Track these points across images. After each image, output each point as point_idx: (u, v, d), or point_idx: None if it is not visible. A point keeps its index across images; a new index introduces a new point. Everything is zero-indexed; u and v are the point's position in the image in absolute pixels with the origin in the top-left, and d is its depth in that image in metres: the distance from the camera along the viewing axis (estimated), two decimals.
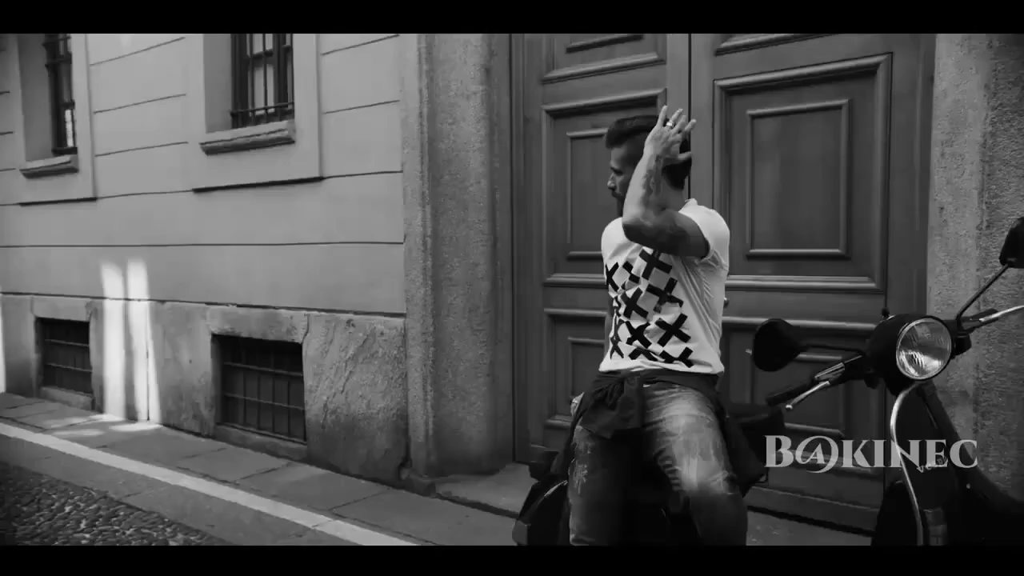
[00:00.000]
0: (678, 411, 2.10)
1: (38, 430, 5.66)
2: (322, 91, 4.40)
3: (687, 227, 2.10)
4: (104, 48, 5.69)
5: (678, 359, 2.19)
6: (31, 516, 3.95)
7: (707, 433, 2.04)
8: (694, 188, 3.52)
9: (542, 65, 4.04)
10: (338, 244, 4.40)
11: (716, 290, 2.26)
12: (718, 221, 2.24)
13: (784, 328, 2.01)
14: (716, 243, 2.16)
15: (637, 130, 2.21)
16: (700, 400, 2.13)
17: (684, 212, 2.20)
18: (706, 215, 2.22)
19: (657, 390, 2.16)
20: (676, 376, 2.18)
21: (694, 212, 2.22)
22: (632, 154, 2.19)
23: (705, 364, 2.22)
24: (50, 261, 6.38)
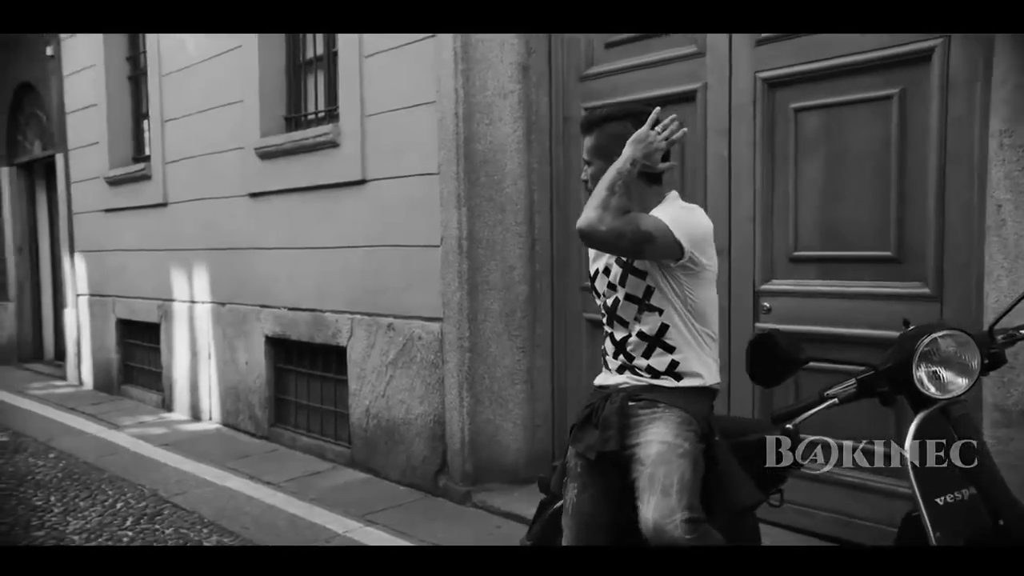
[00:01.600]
0: (653, 436, 1.94)
1: (112, 427, 5.91)
2: (365, 94, 4.40)
3: (654, 229, 1.91)
4: (174, 59, 5.90)
5: (665, 373, 2.00)
6: (85, 511, 4.09)
7: (676, 465, 1.87)
8: (735, 186, 3.32)
9: (581, 62, 3.91)
10: (379, 247, 4.38)
11: (703, 293, 2.04)
12: (694, 217, 2.03)
13: (782, 340, 1.82)
14: (691, 243, 1.95)
15: (607, 118, 2.05)
16: (680, 423, 1.94)
17: (658, 210, 2.02)
18: (680, 212, 2.02)
19: (641, 408, 1.99)
20: (662, 393, 2.00)
21: (667, 209, 2.02)
22: (601, 144, 2.03)
23: (695, 376, 2.00)
24: (128, 265, 6.67)
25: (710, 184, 3.42)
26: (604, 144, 2.01)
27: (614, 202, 1.89)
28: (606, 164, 1.98)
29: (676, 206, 2.06)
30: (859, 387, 1.82)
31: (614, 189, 1.90)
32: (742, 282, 3.34)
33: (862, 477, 3.00)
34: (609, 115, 2.04)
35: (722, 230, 3.35)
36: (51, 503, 4.24)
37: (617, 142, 1.98)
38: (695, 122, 3.46)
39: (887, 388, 1.79)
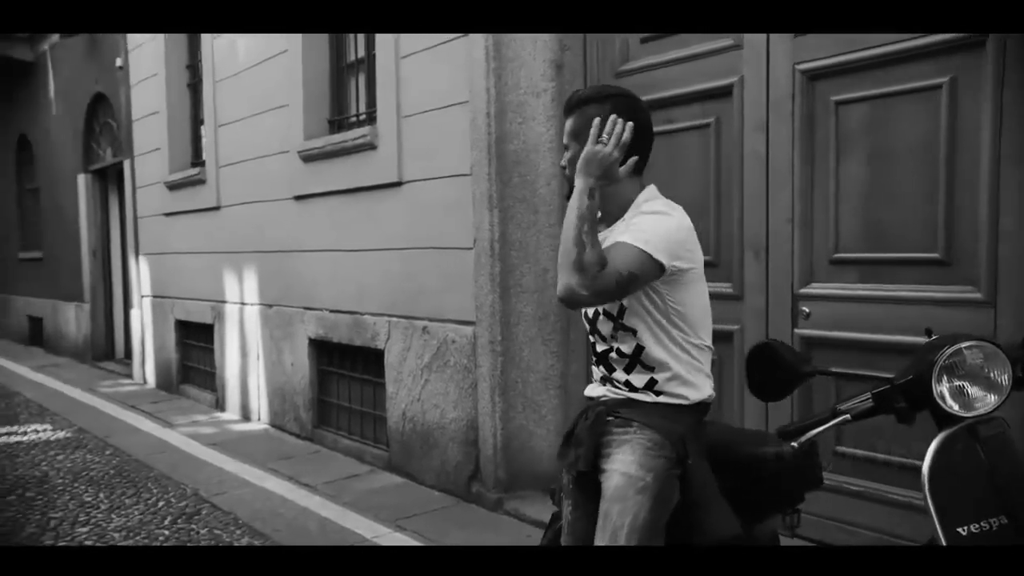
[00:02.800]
0: (617, 464, 1.80)
1: (166, 425, 6.06)
2: (401, 95, 4.37)
3: (633, 264, 1.70)
4: (227, 65, 6.01)
5: (643, 389, 1.85)
6: (129, 508, 4.18)
7: (631, 503, 1.74)
8: (773, 185, 3.15)
9: (616, 58, 3.79)
10: (415, 250, 4.35)
11: (688, 296, 1.83)
12: (671, 222, 1.79)
13: (784, 350, 1.68)
14: (671, 254, 1.74)
15: (587, 100, 1.87)
16: (649, 449, 1.78)
17: (633, 213, 1.84)
18: (655, 221, 1.78)
19: (615, 427, 1.86)
20: (638, 411, 1.84)
21: (643, 219, 1.80)
22: (578, 127, 1.86)
23: (676, 396, 1.83)
24: (185, 267, 6.84)
25: (747, 183, 3.25)
26: (581, 127, 1.84)
27: (588, 257, 1.65)
28: (582, 148, 1.83)
29: (651, 208, 1.84)
30: (875, 402, 1.66)
31: (582, 240, 1.66)
32: (780, 286, 3.16)
33: (906, 494, 2.80)
34: (589, 97, 1.88)
35: (759, 231, 3.20)
36: (99, 500, 4.35)
37: (590, 126, 1.81)
38: (731, 118, 3.32)
39: (904, 404, 1.63)
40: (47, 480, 4.76)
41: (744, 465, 1.86)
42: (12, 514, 4.19)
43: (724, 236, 3.37)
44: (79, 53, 9.11)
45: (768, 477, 1.84)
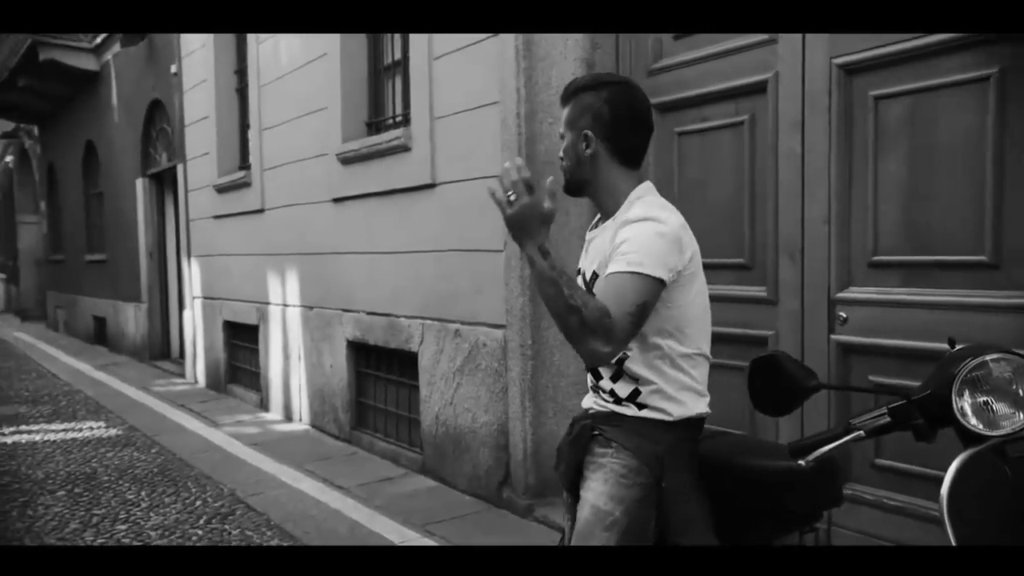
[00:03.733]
0: (590, 493, 1.71)
1: (212, 424, 6.17)
2: (434, 97, 4.35)
3: (637, 294, 1.58)
4: (270, 70, 6.09)
5: (627, 400, 1.75)
6: (168, 507, 4.26)
7: (596, 540, 1.65)
8: (809, 184, 3.01)
9: (648, 56, 3.68)
10: (448, 252, 4.32)
11: (681, 298, 1.70)
12: (652, 230, 1.64)
13: (788, 363, 1.57)
14: (665, 266, 1.63)
15: (582, 88, 1.79)
16: (623, 476, 1.68)
17: (620, 233, 1.67)
18: (638, 238, 1.63)
19: (596, 445, 1.76)
20: (618, 430, 1.72)
21: (637, 227, 1.65)
22: (573, 116, 1.79)
23: (659, 411, 1.72)
24: (231, 268, 6.96)
25: (782, 182, 3.12)
26: (575, 116, 1.78)
27: (589, 316, 1.51)
28: (576, 138, 1.77)
29: (636, 213, 1.69)
30: (891, 417, 1.55)
31: (571, 304, 1.51)
32: (816, 290, 3.02)
33: None
34: (584, 85, 1.80)
35: (794, 232, 3.07)
36: (140, 497, 4.44)
37: (585, 114, 1.76)
38: (766, 115, 3.19)
39: (921, 420, 1.51)
40: (95, 477, 4.88)
41: (753, 480, 1.76)
42: (60, 510, 4.30)
43: (758, 237, 3.24)
44: (139, 62, 9.38)
45: (779, 494, 1.73)
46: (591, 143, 1.76)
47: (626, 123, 1.76)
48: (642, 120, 1.80)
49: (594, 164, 1.77)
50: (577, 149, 1.78)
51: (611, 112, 1.75)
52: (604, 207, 1.82)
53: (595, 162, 1.77)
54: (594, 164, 1.77)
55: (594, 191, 1.81)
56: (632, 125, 1.77)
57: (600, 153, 1.76)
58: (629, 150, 1.79)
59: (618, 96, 1.76)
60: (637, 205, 1.74)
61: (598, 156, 1.77)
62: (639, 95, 1.81)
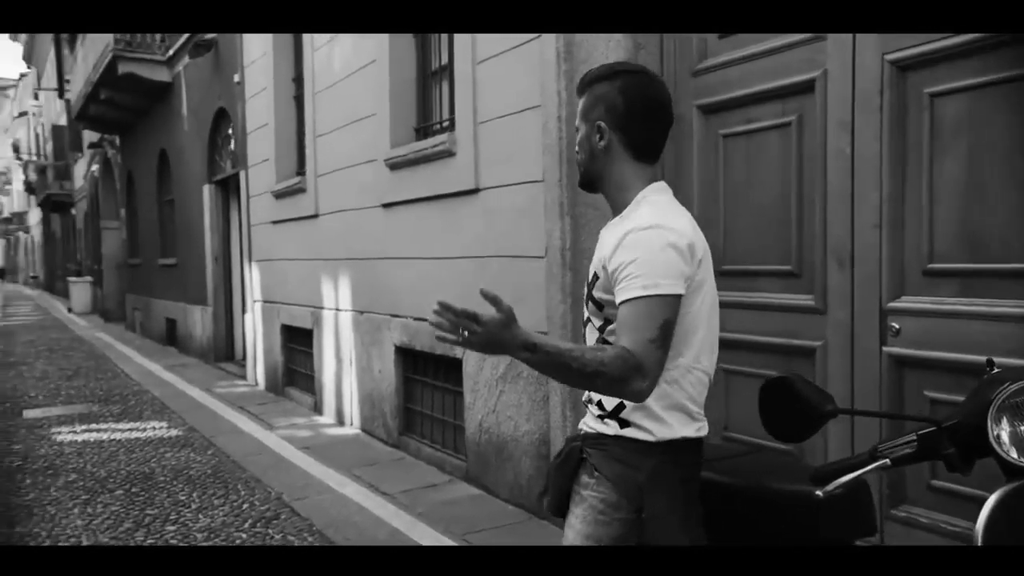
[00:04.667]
0: (570, 530, 1.64)
1: (267, 427, 6.27)
2: (477, 101, 4.31)
3: (655, 317, 1.48)
4: (324, 77, 6.17)
5: (610, 415, 1.64)
6: (216, 509, 4.33)
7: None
8: (859, 187, 2.85)
9: (693, 55, 3.56)
10: (490, 258, 4.28)
11: (686, 308, 1.57)
12: (655, 242, 1.52)
13: (802, 387, 1.45)
14: (683, 276, 1.54)
15: (597, 79, 1.70)
16: (601, 513, 1.59)
17: (625, 242, 1.55)
18: (643, 255, 1.52)
19: (584, 473, 1.67)
20: (604, 452, 1.63)
21: (633, 259, 1.52)
22: (586, 107, 1.70)
23: (642, 429, 1.59)
24: (288, 273, 7.08)
25: (830, 185, 2.96)
26: (589, 107, 1.70)
27: (610, 370, 1.43)
28: (589, 129, 1.69)
29: (641, 220, 1.58)
30: (920, 445, 1.42)
31: (591, 371, 1.43)
32: (867, 299, 2.86)
33: None
34: (599, 75, 1.71)
35: (844, 238, 2.91)
36: (191, 499, 4.53)
37: (599, 105, 1.67)
38: (814, 115, 3.03)
39: (953, 449, 1.38)
40: (152, 477, 5.02)
41: (775, 506, 1.65)
42: (116, 508, 4.43)
43: (806, 243, 3.09)
44: (206, 72, 9.65)
45: (802, 521, 1.62)
46: (604, 135, 1.67)
47: (641, 114, 1.66)
48: (658, 111, 1.69)
49: (607, 157, 1.68)
50: (591, 141, 1.70)
51: (625, 102, 1.66)
52: (614, 203, 1.72)
53: (608, 155, 1.68)
54: (607, 157, 1.68)
55: (605, 185, 1.72)
56: (647, 116, 1.67)
57: (614, 145, 1.67)
58: (644, 143, 1.68)
59: (633, 86, 1.66)
60: (644, 207, 1.64)
61: (611, 148, 1.67)
62: (656, 85, 1.71)
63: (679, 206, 1.68)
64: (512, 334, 1.45)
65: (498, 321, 1.44)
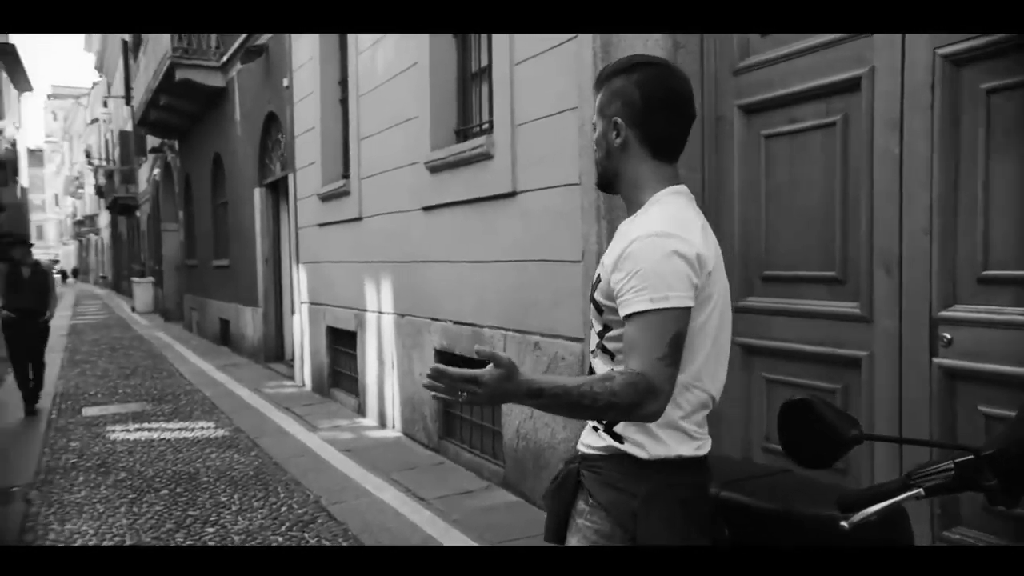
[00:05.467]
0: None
1: (311, 428, 6.32)
2: (515, 103, 4.25)
3: (664, 331, 1.39)
4: (367, 80, 6.19)
5: (605, 427, 1.54)
6: (255, 511, 4.36)
7: None
8: (908, 190, 2.70)
9: (734, 53, 3.44)
10: (528, 262, 4.21)
11: (691, 321, 1.47)
12: (677, 252, 1.43)
13: (824, 410, 1.34)
14: (686, 286, 1.43)
15: (614, 72, 1.60)
16: (595, 543, 1.51)
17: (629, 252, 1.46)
18: (646, 265, 1.42)
19: (580, 498, 1.58)
20: (598, 475, 1.55)
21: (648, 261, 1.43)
22: (603, 102, 1.61)
23: (635, 444, 1.50)
24: (334, 275, 7.13)
25: (877, 188, 2.82)
26: (606, 102, 1.60)
27: (621, 399, 1.35)
28: (606, 126, 1.59)
29: (648, 226, 1.48)
30: (957, 475, 1.30)
31: (596, 406, 1.35)
32: (916, 307, 2.71)
33: None
34: (616, 69, 1.60)
35: (891, 243, 2.77)
36: (232, 500, 4.58)
37: (615, 100, 1.58)
38: (860, 114, 2.89)
39: (994, 481, 1.26)
40: (196, 477, 5.09)
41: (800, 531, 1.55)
42: (160, 508, 4.50)
43: (851, 249, 2.94)
44: (257, 77, 9.81)
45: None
46: (621, 131, 1.57)
47: (659, 108, 1.55)
48: (678, 105, 1.57)
49: (624, 155, 1.59)
50: (607, 138, 1.60)
51: (643, 97, 1.55)
52: (629, 203, 1.62)
53: (625, 152, 1.58)
54: (624, 155, 1.59)
55: (622, 185, 1.62)
56: (666, 111, 1.56)
57: (630, 142, 1.57)
58: (662, 139, 1.58)
59: (651, 79, 1.56)
60: (654, 210, 1.53)
61: (628, 146, 1.57)
62: (676, 78, 1.59)
63: (694, 211, 1.57)
64: (515, 385, 1.35)
65: (499, 377, 1.34)
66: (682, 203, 1.56)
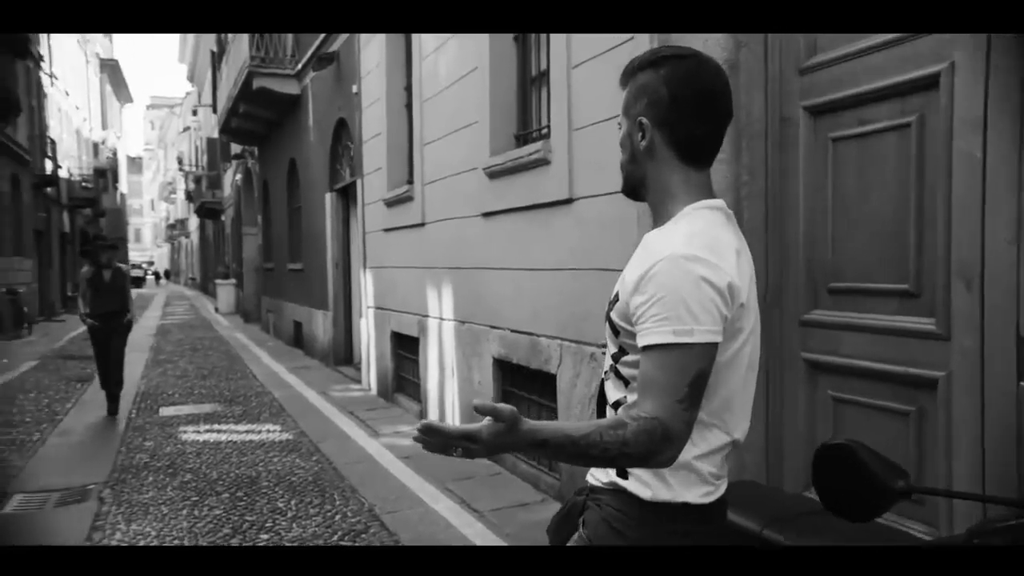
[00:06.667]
0: None
1: (372, 434, 6.34)
2: (572, 107, 4.14)
3: (691, 368, 1.24)
4: (430, 85, 6.17)
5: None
6: (309, 519, 4.37)
7: None
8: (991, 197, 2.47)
9: (800, 52, 3.23)
10: (584, 271, 4.08)
11: (717, 356, 1.31)
12: (705, 278, 1.26)
13: (866, 457, 1.18)
14: (720, 323, 1.27)
15: (641, 67, 1.44)
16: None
17: (664, 237, 1.34)
18: (686, 289, 1.26)
19: (578, 530, 1.46)
20: (596, 510, 1.42)
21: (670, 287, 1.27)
22: (628, 100, 1.47)
23: (638, 482, 1.36)
24: (398, 280, 7.14)
25: (956, 194, 2.58)
26: (631, 101, 1.45)
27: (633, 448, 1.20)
28: (631, 126, 1.45)
29: (684, 248, 1.29)
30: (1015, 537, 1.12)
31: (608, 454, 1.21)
32: (999, 324, 2.47)
33: None
34: (643, 63, 1.44)
35: (972, 254, 2.53)
36: (289, 507, 4.60)
37: (641, 98, 1.42)
38: (938, 114, 2.66)
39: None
40: (256, 482, 5.14)
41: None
42: (219, 512, 4.55)
43: (927, 259, 2.71)
44: (329, 84, 9.96)
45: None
46: (646, 132, 1.42)
47: (688, 106, 1.38)
48: (710, 103, 1.40)
49: (650, 159, 1.43)
50: (632, 140, 1.46)
51: (670, 93, 1.39)
52: (656, 215, 1.46)
53: (651, 156, 1.43)
54: (650, 159, 1.43)
55: (648, 193, 1.47)
56: (696, 109, 1.39)
57: (657, 145, 1.41)
58: (691, 142, 1.41)
59: (680, 73, 1.39)
60: (682, 227, 1.35)
61: (654, 149, 1.42)
62: (708, 72, 1.42)
63: (730, 231, 1.40)
64: (517, 437, 1.23)
65: (497, 432, 1.22)
66: (717, 221, 1.39)
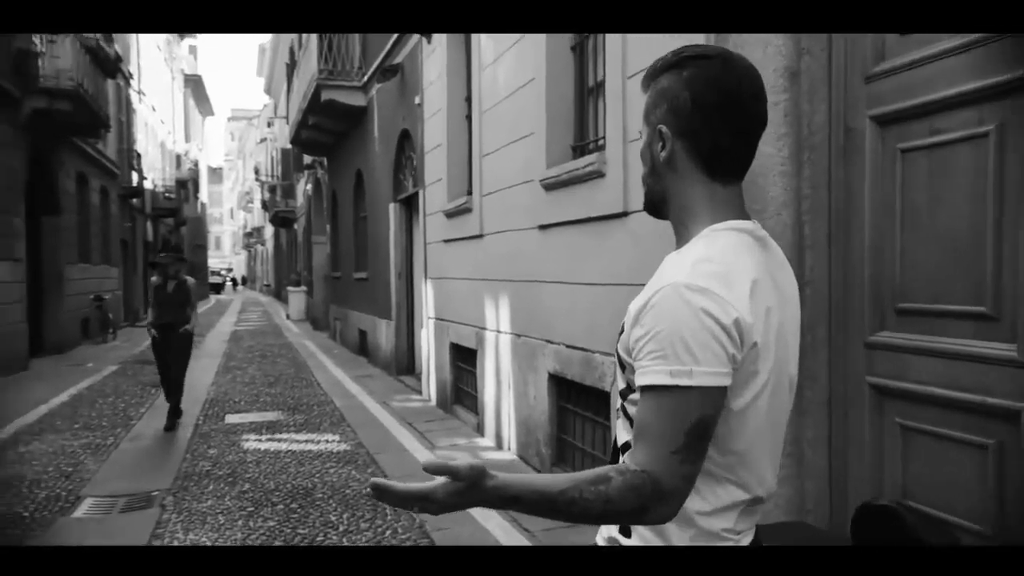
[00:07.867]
0: None
1: (429, 446, 6.31)
2: (627, 118, 4.02)
3: (690, 415, 1.09)
4: (489, 96, 6.13)
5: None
6: (360, 534, 4.36)
7: None
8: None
9: (867, 58, 3.05)
10: (639, 286, 3.93)
11: (730, 403, 1.15)
12: (708, 312, 1.10)
13: (909, 519, 1.05)
14: (727, 364, 1.11)
15: (663, 69, 1.26)
16: None
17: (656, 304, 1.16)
18: (688, 326, 1.11)
19: None
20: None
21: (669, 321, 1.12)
22: (648, 106, 1.29)
23: (644, 541, 1.22)
24: (456, 292, 7.12)
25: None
26: (651, 106, 1.28)
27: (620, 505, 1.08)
28: (651, 135, 1.29)
29: (689, 277, 1.14)
30: None
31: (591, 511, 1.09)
32: None
33: None
34: (665, 64, 1.26)
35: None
36: (341, 520, 4.60)
37: (661, 103, 1.25)
38: (1019, 123, 2.46)
39: None
40: (311, 493, 5.17)
41: None
42: (273, 524, 4.58)
43: (1005, 280, 2.50)
44: (393, 95, 10.06)
45: None
46: (667, 142, 1.25)
47: (713, 112, 1.21)
48: (738, 109, 1.21)
49: (671, 172, 1.27)
50: (652, 150, 1.30)
51: (692, 97, 1.21)
52: (678, 235, 1.31)
53: (671, 169, 1.26)
54: (671, 172, 1.27)
55: (669, 210, 1.31)
56: (722, 115, 1.21)
57: (677, 155, 1.25)
58: (716, 153, 1.23)
59: (704, 75, 1.21)
60: (694, 251, 1.20)
61: (675, 160, 1.25)
62: (736, 72, 1.23)
63: (755, 258, 1.21)
64: (483, 495, 1.12)
65: (455, 491, 1.13)
66: (740, 245, 1.20)
